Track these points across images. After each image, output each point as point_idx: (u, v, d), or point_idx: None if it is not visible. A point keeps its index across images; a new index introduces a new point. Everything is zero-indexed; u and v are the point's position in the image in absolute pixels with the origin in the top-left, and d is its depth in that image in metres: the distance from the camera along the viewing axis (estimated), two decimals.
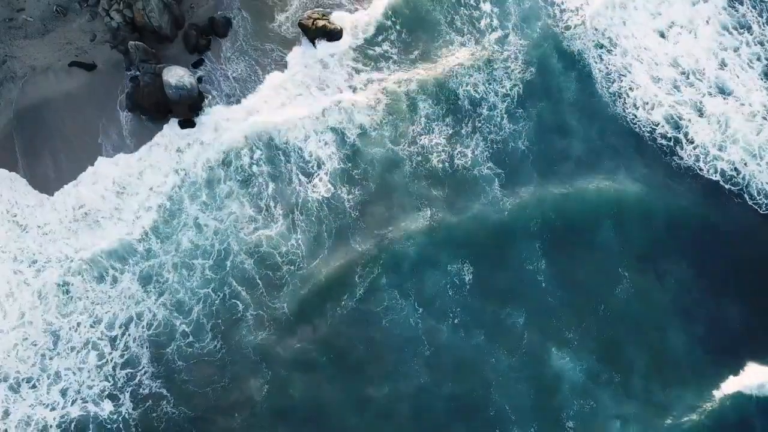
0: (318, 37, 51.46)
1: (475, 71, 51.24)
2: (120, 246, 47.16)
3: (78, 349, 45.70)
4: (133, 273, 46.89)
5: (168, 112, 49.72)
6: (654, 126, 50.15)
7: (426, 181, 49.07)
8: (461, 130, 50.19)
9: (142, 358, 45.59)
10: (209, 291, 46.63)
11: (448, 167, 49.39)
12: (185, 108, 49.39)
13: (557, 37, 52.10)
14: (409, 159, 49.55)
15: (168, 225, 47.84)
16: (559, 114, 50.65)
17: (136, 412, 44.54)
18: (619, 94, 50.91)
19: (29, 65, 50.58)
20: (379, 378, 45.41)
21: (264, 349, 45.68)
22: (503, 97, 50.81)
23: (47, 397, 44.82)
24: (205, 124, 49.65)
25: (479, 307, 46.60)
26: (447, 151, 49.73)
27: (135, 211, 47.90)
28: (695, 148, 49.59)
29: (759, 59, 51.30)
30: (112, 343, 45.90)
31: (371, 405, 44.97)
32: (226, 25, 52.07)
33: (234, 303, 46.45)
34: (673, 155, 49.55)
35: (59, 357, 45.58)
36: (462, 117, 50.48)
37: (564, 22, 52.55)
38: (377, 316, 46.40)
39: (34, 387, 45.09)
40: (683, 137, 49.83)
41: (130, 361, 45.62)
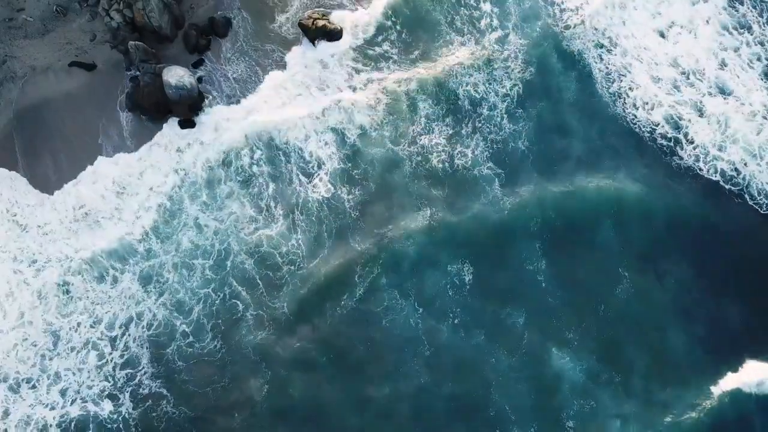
0: (318, 37, 51.45)
1: (475, 71, 51.25)
2: (120, 246, 47.18)
3: (78, 350, 45.70)
4: (134, 273, 46.91)
5: (168, 112, 49.71)
6: (654, 126, 50.13)
7: (426, 181, 49.07)
8: (461, 130, 50.18)
9: (142, 358, 45.59)
10: (209, 291, 46.64)
11: (448, 167, 49.39)
12: (185, 108, 49.38)
13: (557, 37, 52.08)
14: (409, 159, 49.55)
15: (168, 225, 47.85)
16: (559, 114, 50.64)
17: (136, 411, 44.55)
18: (619, 94, 50.89)
19: (29, 65, 50.57)
20: (379, 378, 45.40)
21: (264, 349, 45.68)
22: (503, 97, 50.81)
23: (47, 397, 44.81)
24: (205, 124, 49.66)
25: (479, 307, 46.60)
26: (447, 151, 49.73)
27: (135, 211, 47.90)
28: (695, 148, 49.56)
29: (759, 59, 51.25)
30: (112, 344, 45.89)
31: (371, 405, 44.96)
32: (226, 25, 52.08)
33: (234, 303, 46.46)
34: (673, 155, 49.53)
35: (59, 357, 45.57)
36: (462, 117, 50.47)
37: (564, 21, 52.55)
38: (377, 316, 46.39)
39: (33, 387, 45.08)
40: (683, 137, 49.80)
41: (130, 361, 45.62)
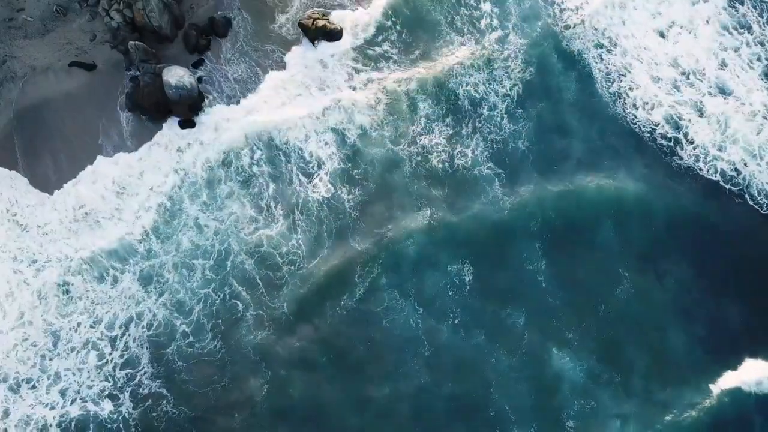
0: (318, 38, 51.44)
1: (475, 71, 51.25)
2: (120, 246, 47.15)
3: (78, 350, 45.65)
4: (134, 273, 46.87)
5: (168, 112, 49.69)
6: (654, 126, 50.11)
7: (426, 181, 49.06)
8: (461, 130, 50.17)
9: (142, 358, 45.56)
10: (209, 291, 46.61)
11: (448, 167, 49.38)
12: (185, 108, 49.37)
13: (557, 37, 52.08)
14: (409, 159, 49.54)
15: (168, 225, 47.83)
16: (559, 114, 50.63)
17: (136, 411, 44.51)
18: (619, 94, 50.88)
19: (29, 65, 50.56)
20: (379, 378, 45.37)
21: (264, 349, 45.66)
22: (503, 97, 50.80)
23: (47, 397, 44.77)
24: (205, 124, 49.64)
25: (479, 307, 46.57)
26: (447, 151, 49.72)
27: (135, 211, 47.86)
28: (695, 148, 49.54)
29: (759, 59, 51.23)
30: (112, 344, 45.86)
31: (371, 405, 44.93)
32: (226, 25, 52.07)
33: (234, 303, 46.44)
34: (673, 155, 49.51)
35: (59, 357, 45.53)
36: (462, 117, 50.46)
37: (564, 21, 52.56)
38: (377, 316, 46.36)
39: (33, 387, 45.04)
40: (683, 137, 49.79)
41: (130, 361, 45.59)
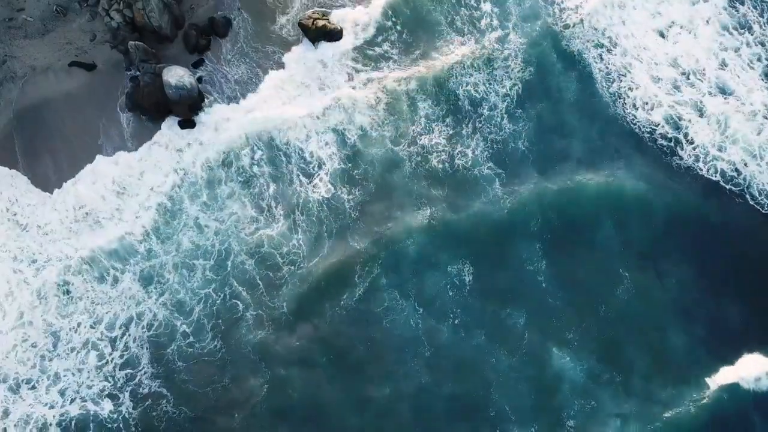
0: (318, 38, 51.45)
1: (475, 71, 51.26)
2: (121, 246, 47.12)
3: (78, 350, 45.60)
4: (134, 273, 46.85)
5: (168, 112, 49.68)
6: (654, 126, 50.11)
7: (426, 181, 49.05)
8: (461, 130, 50.17)
9: (142, 358, 45.53)
10: (210, 291, 46.58)
11: (448, 167, 49.38)
12: (185, 108, 49.36)
13: (557, 37, 52.11)
14: (410, 159, 49.54)
15: (169, 225, 47.80)
16: (559, 114, 50.65)
17: (136, 411, 44.46)
18: (619, 94, 50.88)
19: (29, 65, 50.54)
20: (379, 378, 45.35)
21: (264, 349, 45.64)
22: (503, 97, 50.80)
23: (46, 397, 44.72)
24: (205, 124, 49.63)
25: (479, 307, 46.56)
26: (447, 151, 49.71)
27: (135, 212, 47.82)
28: (695, 148, 49.54)
29: (759, 59, 51.25)
30: (112, 344, 45.82)
31: (371, 405, 44.91)
32: (226, 25, 52.07)
33: (234, 303, 46.41)
34: (673, 155, 49.51)
35: (59, 358, 45.48)
36: (462, 117, 50.46)
37: (563, 20, 52.58)
38: (377, 316, 46.34)
39: (33, 388, 44.97)
40: (683, 137, 49.78)
41: (130, 362, 45.55)
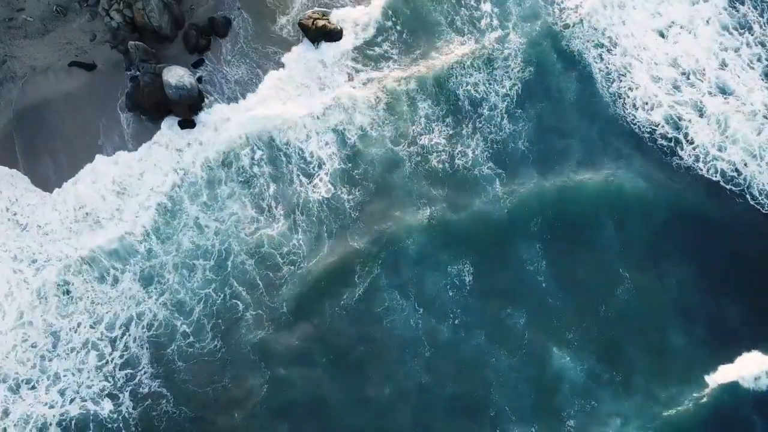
0: (318, 38, 51.45)
1: (475, 71, 51.27)
2: (121, 246, 47.11)
3: (78, 350, 45.58)
4: (134, 273, 46.84)
5: (168, 112, 49.67)
6: (654, 126, 50.12)
7: (426, 181, 49.05)
8: (461, 130, 50.18)
9: (142, 358, 45.51)
10: (210, 291, 46.57)
11: (448, 167, 49.38)
12: (185, 108, 49.35)
13: (557, 37, 52.13)
14: (410, 159, 49.54)
15: (169, 225, 47.80)
16: (559, 114, 50.65)
17: (136, 411, 44.46)
18: (619, 94, 50.89)
19: (29, 65, 50.53)
20: (379, 378, 45.35)
21: (264, 349, 45.63)
22: (503, 97, 50.81)
23: (46, 397, 44.71)
24: (205, 124, 49.62)
25: (480, 307, 46.57)
26: (447, 151, 49.72)
27: (135, 212, 47.80)
28: (695, 148, 49.55)
29: (760, 60, 51.27)
30: (112, 344, 45.80)
31: (371, 405, 44.91)
32: (226, 25, 52.07)
33: (234, 303, 46.40)
34: (674, 155, 49.52)
35: (59, 358, 45.45)
36: (462, 117, 50.47)
37: (563, 20, 52.59)
38: (377, 316, 46.34)
39: (33, 388, 44.96)
40: (683, 137, 49.79)
41: (130, 362, 45.54)
